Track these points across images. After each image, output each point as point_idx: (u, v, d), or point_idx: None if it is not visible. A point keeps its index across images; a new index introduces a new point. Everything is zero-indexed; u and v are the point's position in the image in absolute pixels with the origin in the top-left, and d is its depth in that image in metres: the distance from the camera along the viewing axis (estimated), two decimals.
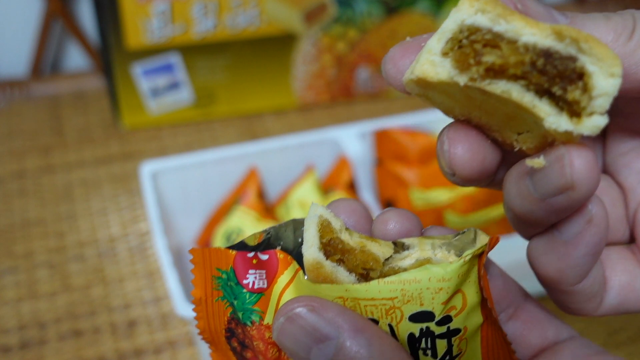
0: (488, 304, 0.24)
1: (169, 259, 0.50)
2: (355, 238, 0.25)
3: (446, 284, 0.23)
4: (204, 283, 0.27)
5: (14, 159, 0.72)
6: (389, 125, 0.64)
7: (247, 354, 0.27)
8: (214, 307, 0.27)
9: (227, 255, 0.26)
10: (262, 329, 0.25)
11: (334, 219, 0.25)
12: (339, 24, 0.74)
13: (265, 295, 0.26)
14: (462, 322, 0.24)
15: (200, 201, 0.61)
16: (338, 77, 0.78)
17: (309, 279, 0.24)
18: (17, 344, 0.55)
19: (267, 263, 0.26)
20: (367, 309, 0.24)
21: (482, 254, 0.24)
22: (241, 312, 0.26)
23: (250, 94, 0.77)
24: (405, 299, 0.23)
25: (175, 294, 0.48)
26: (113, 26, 0.69)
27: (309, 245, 0.24)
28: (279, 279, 0.25)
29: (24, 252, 0.62)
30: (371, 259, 0.25)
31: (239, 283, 0.26)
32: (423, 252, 0.25)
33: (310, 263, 0.24)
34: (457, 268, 0.23)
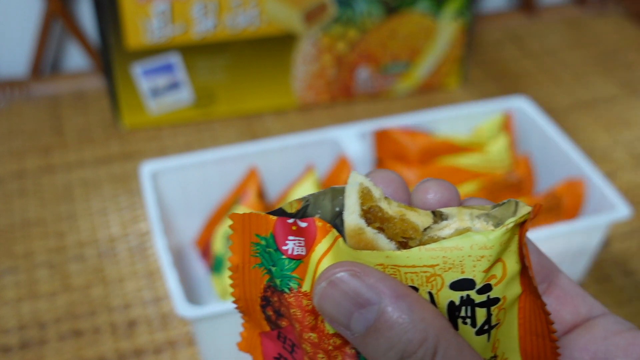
0: (529, 273, 0.24)
1: (169, 259, 0.50)
2: (394, 207, 0.25)
3: (488, 252, 0.23)
4: (242, 249, 0.27)
5: (13, 159, 0.72)
6: (389, 125, 0.64)
7: (282, 322, 0.26)
8: (250, 274, 0.27)
9: (267, 221, 0.26)
10: (300, 296, 0.25)
11: (373, 188, 0.25)
12: (339, 24, 0.74)
13: (303, 262, 0.25)
14: (501, 291, 0.24)
15: (200, 201, 0.61)
16: (338, 77, 0.78)
17: (349, 245, 0.24)
18: (17, 344, 0.55)
19: (305, 230, 0.25)
20: (408, 276, 0.24)
21: (524, 222, 0.24)
22: (279, 278, 0.26)
23: (250, 94, 0.77)
24: (446, 266, 0.23)
25: (175, 294, 0.48)
26: (113, 26, 0.69)
27: (351, 211, 0.24)
28: (317, 247, 0.25)
29: (24, 252, 0.62)
30: (410, 227, 0.25)
31: (278, 249, 0.25)
32: (462, 222, 0.25)
33: (352, 229, 0.24)
34: (500, 236, 0.23)
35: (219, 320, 0.49)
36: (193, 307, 0.47)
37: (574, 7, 0.98)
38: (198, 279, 0.60)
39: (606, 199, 0.56)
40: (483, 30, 0.93)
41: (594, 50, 0.91)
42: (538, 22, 0.96)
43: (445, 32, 0.78)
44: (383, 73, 0.79)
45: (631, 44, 0.92)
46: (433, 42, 0.79)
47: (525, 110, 0.67)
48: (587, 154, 0.74)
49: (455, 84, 0.83)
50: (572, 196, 0.60)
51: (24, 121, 0.77)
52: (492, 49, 0.91)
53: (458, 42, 0.79)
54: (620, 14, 0.98)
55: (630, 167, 0.73)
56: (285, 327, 0.26)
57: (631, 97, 0.83)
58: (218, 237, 0.58)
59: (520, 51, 0.90)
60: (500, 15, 0.96)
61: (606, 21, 0.97)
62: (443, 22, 0.77)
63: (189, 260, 0.61)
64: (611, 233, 0.65)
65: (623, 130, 0.78)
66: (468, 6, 0.77)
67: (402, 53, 0.78)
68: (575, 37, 0.93)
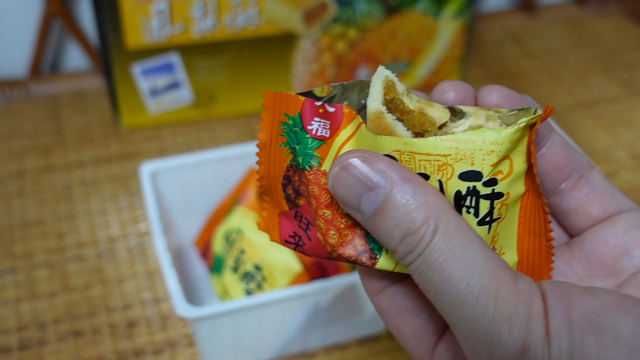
0: (534, 170, 0.26)
1: (168, 259, 0.50)
2: (414, 102, 0.27)
3: (498, 147, 0.25)
4: (271, 127, 0.28)
5: (13, 159, 0.72)
6: None
7: (300, 201, 0.28)
8: (276, 152, 0.28)
9: (296, 101, 0.27)
10: (319, 174, 0.27)
11: (398, 82, 0.26)
12: (339, 23, 0.74)
13: (326, 144, 0.27)
14: (506, 187, 0.26)
15: (200, 201, 0.61)
16: (338, 77, 0.78)
17: (369, 128, 0.26)
18: (16, 345, 0.55)
19: (332, 115, 0.27)
20: (421, 164, 0.25)
21: (535, 125, 0.25)
22: (302, 156, 0.27)
23: (250, 94, 0.77)
24: (458, 157, 0.25)
25: (175, 295, 0.48)
26: (112, 26, 0.69)
27: (374, 98, 0.26)
28: (341, 132, 0.27)
29: (23, 253, 0.62)
30: (428, 121, 0.26)
31: (303, 128, 0.27)
32: (477, 121, 0.26)
33: (373, 112, 0.25)
34: (511, 134, 0.25)
35: (219, 320, 0.49)
36: (193, 307, 0.47)
37: (574, 7, 0.98)
38: (198, 279, 0.60)
39: None
40: (483, 30, 0.93)
41: (594, 50, 0.91)
42: (538, 21, 0.96)
43: (445, 32, 0.78)
44: None
45: (632, 43, 0.92)
46: (433, 42, 0.78)
47: None
48: (588, 154, 0.74)
49: None
50: None
51: (23, 121, 0.77)
52: (492, 48, 0.91)
53: (458, 41, 0.79)
54: (620, 14, 0.98)
55: (630, 168, 0.73)
56: (303, 205, 0.28)
57: (632, 97, 0.83)
58: (218, 237, 0.58)
59: (520, 51, 0.90)
60: (501, 15, 0.96)
61: (607, 21, 0.97)
62: (443, 22, 0.77)
63: (188, 260, 0.61)
64: None
65: (623, 131, 0.78)
66: (468, 6, 0.77)
67: (402, 53, 0.78)
68: (576, 37, 0.93)
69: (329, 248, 0.27)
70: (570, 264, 0.29)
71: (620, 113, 0.80)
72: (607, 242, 0.28)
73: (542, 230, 0.27)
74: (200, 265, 0.61)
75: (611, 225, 0.28)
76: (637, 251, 0.27)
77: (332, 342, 0.55)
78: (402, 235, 0.24)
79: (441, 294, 0.24)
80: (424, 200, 0.24)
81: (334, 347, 0.55)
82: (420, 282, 0.25)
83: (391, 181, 0.24)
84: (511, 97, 0.27)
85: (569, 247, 0.29)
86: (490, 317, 0.23)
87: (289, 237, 0.29)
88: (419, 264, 0.24)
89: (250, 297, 0.49)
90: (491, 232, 0.26)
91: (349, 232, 0.27)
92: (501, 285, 0.23)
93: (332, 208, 0.27)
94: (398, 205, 0.24)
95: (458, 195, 0.25)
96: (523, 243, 0.27)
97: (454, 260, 0.24)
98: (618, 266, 0.27)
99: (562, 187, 0.29)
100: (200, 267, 0.61)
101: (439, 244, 0.24)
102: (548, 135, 0.28)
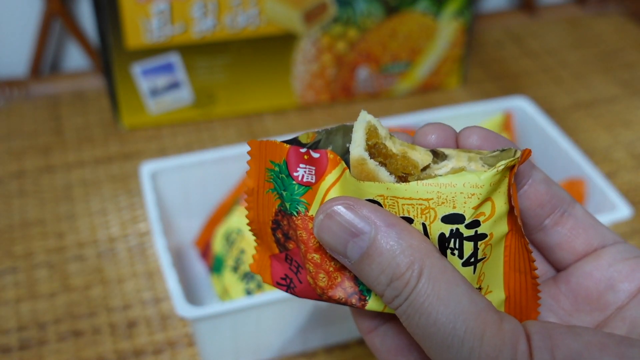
0: (515, 212, 0.26)
1: (168, 259, 0.50)
2: (397, 146, 0.27)
3: (478, 190, 0.25)
4: (258, 174, 0.29)
5: (13, 159, 0.72)
6: (389, 125, 0.64)
7: (290, 244, 0.29)
8: (264, 198, 0.29)
9: (281, 149, 0.28)
10: (306, 219, 0.27)
11: (380, 127, 0.27)
12: (339, 23, 0.74)
13: (312, 189, 0.27)
14: (489, 228, 0.26)
15: (200, 201, 0.61)
16: (338, 77, 0.78)
17: (353, 174, 0.26)
18: (16, 345, 0.55)
19: (317, 161, 0.28)
20: (405, 208, 0.26)
21: (514, 166, 0.26)
22: (289, 202, 0.28)
23: (250, 94, 0.77)
24: (440, 200, 0.25)
25: (175, 295, 0.48)
26: (112, 26, 0.69)
27: (356, 144, 0.26)
28: (326, 177, 0.27)
29: (23, 253, 0.62)
30: (410, 164, 0.27)
31: (289, 175, 0.28)
32: (459, 163, 0.26)
33: (356, 159, 0.26)
34: (490, 177, 0.25)
35: (219, 320, 0.49)
36: (193, 307, 0.47)
37: (574, 7, 0.98)
38: (198, 279, 0.60)
39: (607, 199, 0.56)
40: (483, 30, 0.93)
41: (594, 50, 0.91)
42: (538, 21, 0.96)
43: (445, 32, 0.78)
44: (383, 73, 0.79)
45: (632, 43, 0.92)
46: (433, 42, 0.78)
47: (525, 110, 0.67)
48: (588, 154, 0.74)
49: (455, 83, 0.83)
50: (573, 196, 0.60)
51: (23, 121, 0.77)
52: (492, 48, 0.91)
53: (458, 41, 0.79)
54: (620, 14, 0.98)
55: (630, 167, 0.73)
56: (292, 249, 0.29)
57: (632, 97, 0.83)
58: (218, 237, 0.58)
59: (520, 51, 0.90)
60: (501, 15, 0.96)
61: (607, 21, 0.97)
62: (443, 22, 0.77)
63: (188, 260, 0.61)
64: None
65: (623, 130, 0.78)
66: (468, 6, 0.77)
67: (402, 53, 0.78)
68: (576, 37, 0.93)
69: (319, 291, 0.28)
70: (556, 299, 0.29)
71: (620, 113, 0.80)
72: (592, 277, 0.28)
73: (527, 268, 0.27)
74: (200, 265, 0.61)
75: (595, 260, 0.28)
76: (621, 285, 0.28)
77: (332, 342, 0.55)
78: (388, 280, 0.25)
79: (428, 338, 0.24)
80: (408, 245, 0.25)
81: (334, 347, 0.55)
82: (407, 325, 0.25)
83: (375, 227, 0.25)
84: (490, 138, 0.28)
85: (555, 282, 0.29)
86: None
87: (280, 280, 0.29)
88: (405, 308, 0.25)
89: (250, 297, 0.49)
90: (477, 272, 0.27)
91: (338, 275, 0.28)
92: (486, 328, 0.24)
93: (321, 252, 0.27)
94: (383, 250, 0.25)
95: (442, 237, 0.26)
96: (509, 281, 0.28)
97: (440, 304, 0.24)
98: (604, 300, 0.28)
99: (546, 223, 0.29)
100: (200, 267, 0.61)
101: (424, 288, 0.24)
102: (529, 173, 0.29)
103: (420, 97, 0.82)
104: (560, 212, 0.29)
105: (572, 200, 0.29)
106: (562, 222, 0.29)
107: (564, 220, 0.29)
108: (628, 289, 0.27)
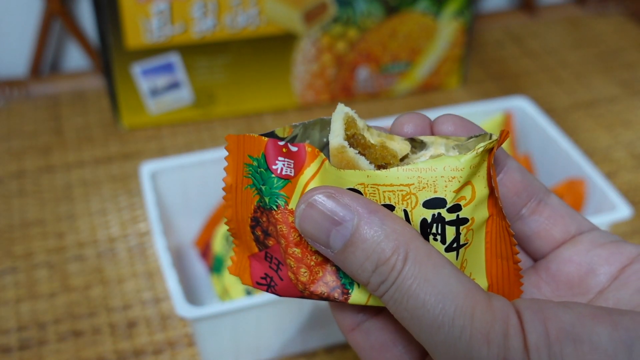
0: (495, 193, 0.26)
1: (168, 259, 0.50)
2: (375, 137, 0.27)
3: (459, 173, 0.25)
4: (236, 170, 0.28)
5: (13, 159, 0.72)
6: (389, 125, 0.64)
7: (269, 241, 0.28)
8: (242, 194, 0.28)
9: (259, 142, 0.27)
10: (286, 213, 0.27)
11: (358, 119, 0.27)
12: (339, 23, 0.74)
13: (291, 182, 0.27)
14: (470, 212, 0.26)
15: (200, 201, 0.61)
16: (338, 77, 0.78)
17: (332, 164, 0.26)
18: (16, 345, 0.55)
19: (295, 154, 0.27)
20: (386, 195, 0.26)
21: (492, 149, 0.26)
22: (268, 196, 0.27)
23: (250, 94, 0.77)
24: (420, 185, 0.25)
25: (175, 295, 0.48)
26: (112, 26, 0.69)
27: (336, 134, 0.26)
28: (305, 170, 0.27)
29: (23, 253, 0.62)
30: (389, 154, 0.27)
31: (268, 168, 0.27)
32: (437, 150, 0.27)
33: (335, 147, 0.26)
34: (470, 159, 0.25)
35: (219, 320, 0.49)
36: (193, 307, 0.47)
37: (574, 7, 0.98)
38: (198, 279, 0.60)
39: (607, 199, 0.56)
40: (483, 30, 0.93)
41: (594, 50, 0.91)
42: (538, 21, 0.96)
43: (445, 32, 0.78)
44: (383, 73, 0.79)
45: (632, 43, 0.92)
46: (433, 42, 0.78)
47: (525, 110, 0.67)
48: (588, 154, 0.74)
49: (455, 83, 0.83)
50: (573, 196, 0.60)
51: (23, 121, 0.77)
52: (492, 48, 0.91)
53: (458, 41, 0.79)
54: (620, 14, 0.98)
55: (630, 167, 0.73)
56: (272, 246, 0.28)
57: (632, 97, 0.83)
58: (218, 237, 0.58)
59: (520, 51, 0.90)
60: (501, 15, 0.96)
61: (607, 21, 0.96)
62: (443, 22, 0.77)
63: (188, 260, 0.61)
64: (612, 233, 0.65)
65: (624, 130, 0.78)
66: (468, 6, 0.77)
67: (402, 53, 0.78)
68: (576, 37, 0.93)
69: (301, 286, 0.27)
70: (538, 286, 0.29)
71: (620, 113, 0.80)
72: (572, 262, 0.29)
73: (508, 254, 0.27)
74: (200, 265, 0.61)
75: (574, 246, 0.29)
76: (602, 269, 0.28)
77: (332, 342, 0.55)
78: (374, 267, 0.25)
79: (417, 320, 0.24)
80: (392, 230, 0.25)
81: (334, 347, 0.55)
82: (395, 311, 0.25)
83: (358, 214, 0.25)
84: (465, 124, 0.28)
85: (535, 270, 0.30)
86: (467, 338, 0.23)
87: (260, 279, 0.29)
88: (392, 293, 0.24)
89: (250, 297, 0.49)
90: (459, 258, 0.27)
91: (319, 269, 0.27)
92: (476, 306, 0.24)
93: (302, 246, 0.27)
94: (367, 237, 0.25)
95: (424, 223, 0.26)
96: (492, 267, 0.28)
97: (427, 285, 0.24)
98: (585, 285, 0.28)
99: (523, 212, 0.29)
100: (200, 267, 0.61)
101: (410, 271, 0.24)
102: (504, 161, 0.29)
103: (420, 97, 0.82)
104: (536, 200, 0.29)
105: (547, 189, 0.30)
106: (539, 210, 0.29)
107: (541, 208, 0.29)
108: (608, 271, 0.28)
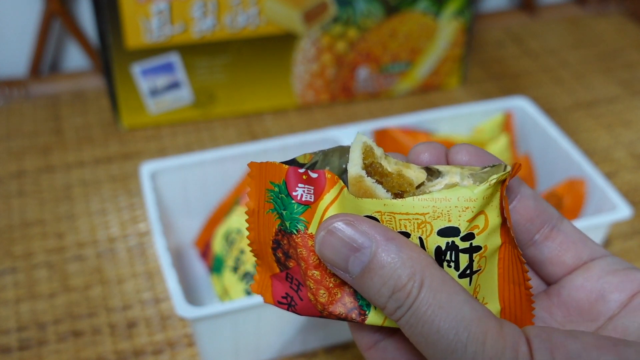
0: (507, 223, 0.27)
1: (168, 260, 0.50)
2: (392, 165, 0.28)
3: (472, 204, 0.26)
4: (258, 195, 0.29)
5: (12, 159, 0.72)
6: (389, 125, 0.64)
7: (290, 263, 0.29)
8: (264, 218, 0.29)
9: (280, 169, 0.29)
10: (306, 237, 0.28)
11: (375, 147, 0.28)
12: (339, 23, 0.74)
13: (311, 208, 0.28)
14: (483, 240, 0.27)
15: (200, 201, 0.61)
16: (338, 77, 0.78)
17: (351, 192, 0.27)
18: (16, 345, 0.55)
19: (315, 180, 0.28)
20: (402, 223, 0.27)
21: (505, 180, 0.27)
22: (289, 221, 0.28)
23: (250, 94, 0.77)
24: (435, 214, 0.26)
25: (175, 295, 0.48)
26: (112, 26, 0.69)
27: (354, 163, 0.27)
28: (325, 196, 0.28)
29: (23, 253, 0.62)
30: (406, 182, 0.28)
31: (289, 195, 0.28)
32: (452, 179, 0.27)
33: (353, 177, 0.27)
34: (483, 190, 0.26)
35: (219, 320, 0.49)
36: (193, 307, 0.47)
37: (574, 7, 0.98)
38: (198, 279, 0.60)
39: (607, 199, 0.56)
40: (483, 30, 0.93)
41: (594, 50, 0.91)
42: (538, 21, 0.96)
43: (445, 32, 0.78)
44: (383, 73, 0.79)
45: (632, 43, 0.92)
46: (433, 42, 0.78)
47: (525, 110, 0.67)
48: (588, 154, 0.74)
49: (455, 83, 0.83)
50: (573, 196, 0.60)
51: (23, 121, 0.77)
52: (492, 48, 0.91)
53: (458, 41, 0.79)
54: (621, 14, 0.98)
55: (631, 167, 0.73)
56: (293, 267, 0.29)
57: (632, 97, 0.83)
58: (218, 237, 0.58)
59: (520, 51, 0.90)
60: (501, 15, 0.96)
61: (607, 21, 0.96)
62: (443, 22, 0.77)
63: (188, 260, 0.61)
64: (612, 233, 0.65)
65: (624, 130, 0.78)
66: (468, 5, 0.77)
67: (402, 53, 0.78)
68: (576, 37, 0.93)
69: (320, 307, 0.29)
70: (549, 311, 0.30)
71: (620, 113, 0.80)
72: (583, 289, 0.29)
73: (520, 279, 0.28)
74: (200, 265, 0.61)
75: (586, 272, 0.29)
76: (612, 295, 0.29)
77: (332, 342, 0.55)
78: (390, 292, 0.26)
79: (432, 345, 0.25)
80: (408, 257, 0.26)
81: (334, 347, 0.55)
82: (410, 335, 0.26)
83: (375, 241, 0.26)
84: (479, 154, 0.29)
85: (547, 295, 0.30)
86: None
87: (281, 298, 0.30)
88: (408, 318, 0.25)
89: (250, 297, 0.49)
90: (472, 284, 0.28)
91: (338, 291, 0.28)
92: (488, 333, 0.24)
93: (321, 269, 0.28)
94: (384, 263, 0.26)
95: (438, 250, 0.27)
96: (504, 292, 0.29)
97: (442, 312, 0.25)
98: (595, 311, 0.29)
99: (536, 238, 0.30)
100: (200, 267, 0.61)
101: (426, 297, 0.25)
102: (518, 189, 0.30)
103: (420, 97, 0.82)
104: (549, 227, 0.30)
105: (560, 215, 0.30)
106: (552, 236, 0.30)
107: (554, 235, 0.30)
108: (619, 299, 0.28)
